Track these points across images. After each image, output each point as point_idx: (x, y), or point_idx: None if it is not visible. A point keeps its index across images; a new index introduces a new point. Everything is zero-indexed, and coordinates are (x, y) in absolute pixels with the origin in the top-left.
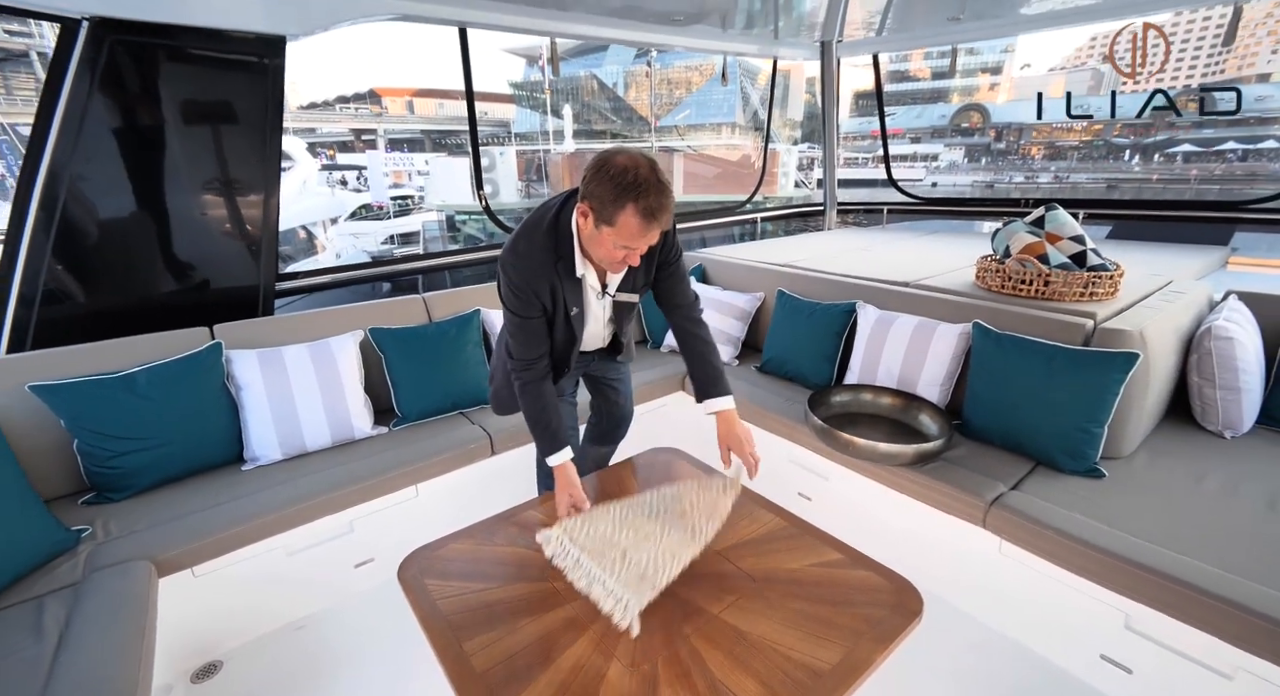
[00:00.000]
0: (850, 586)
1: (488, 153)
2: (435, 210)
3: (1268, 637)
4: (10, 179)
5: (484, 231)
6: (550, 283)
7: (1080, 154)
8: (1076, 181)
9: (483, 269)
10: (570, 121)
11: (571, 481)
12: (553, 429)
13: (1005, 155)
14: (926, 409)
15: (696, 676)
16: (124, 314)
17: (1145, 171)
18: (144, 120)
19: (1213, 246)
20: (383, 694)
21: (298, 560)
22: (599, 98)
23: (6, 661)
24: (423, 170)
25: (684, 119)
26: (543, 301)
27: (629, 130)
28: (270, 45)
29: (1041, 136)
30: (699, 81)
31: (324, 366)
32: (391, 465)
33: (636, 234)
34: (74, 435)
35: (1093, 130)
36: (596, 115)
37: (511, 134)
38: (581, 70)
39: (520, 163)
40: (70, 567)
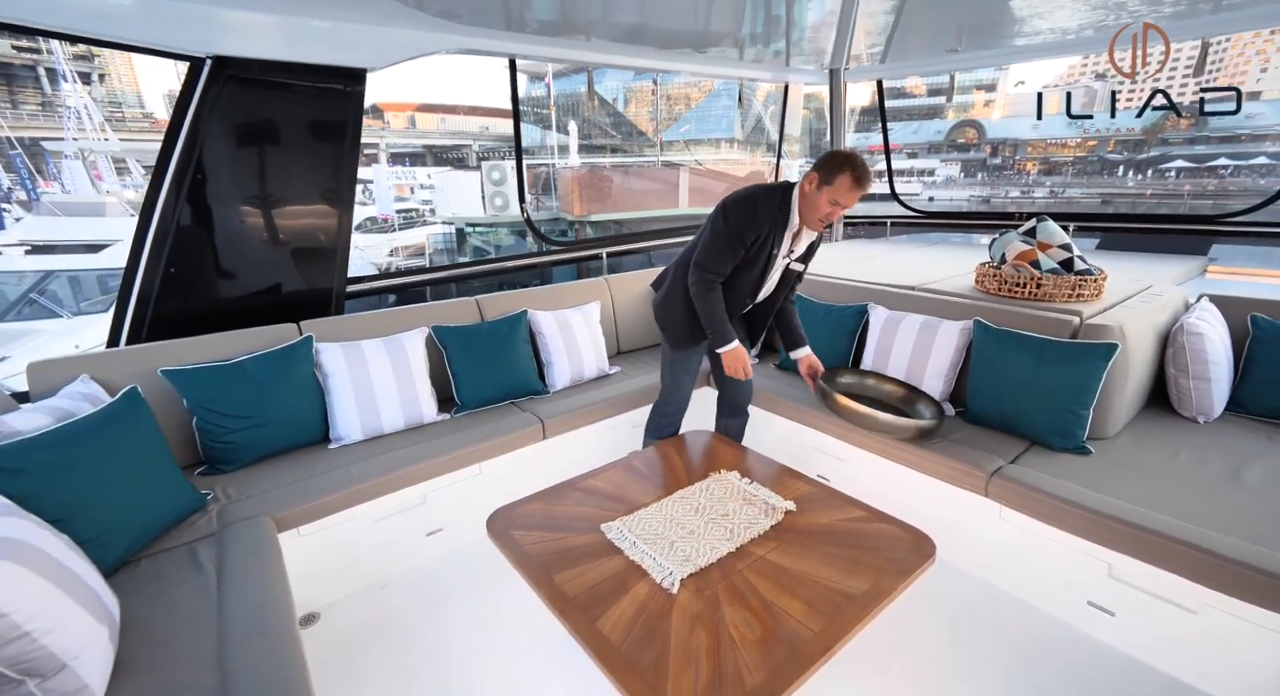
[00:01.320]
0: (873, 535)
1: (498, 167)
2: (445, 222)
3: (1226, 575)
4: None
5: (489, 243)
6: (769, 228)
7: (1075, 169)
8: (1071, 196)
9: (523, 274)
10: (575, 137)
11: (742, 356)
12: (726, 324)
13: (1001, 170)
14: (924, 399)
15: (751, 598)
16: (221, 311)
17: (1139, 186)
18: (247, 143)
19: (1192, 256)
20: (458, 646)
21: (381, 527)
22: (599, 113)
23: (182, 587)
24: (425, 184)
25: (684, 134)
26: (756, 235)
27: (629, 145)
28: (353, 76)
29: (1036, 152)
30: (698, 97)
31: (397, 358)
32: (457, 445)
33: (846, 191)
34: (193, 413)
35: (1087, 146)
36: (597, 130)
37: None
38: (582, 86)
39: (530, 176)
40: (206, 522)
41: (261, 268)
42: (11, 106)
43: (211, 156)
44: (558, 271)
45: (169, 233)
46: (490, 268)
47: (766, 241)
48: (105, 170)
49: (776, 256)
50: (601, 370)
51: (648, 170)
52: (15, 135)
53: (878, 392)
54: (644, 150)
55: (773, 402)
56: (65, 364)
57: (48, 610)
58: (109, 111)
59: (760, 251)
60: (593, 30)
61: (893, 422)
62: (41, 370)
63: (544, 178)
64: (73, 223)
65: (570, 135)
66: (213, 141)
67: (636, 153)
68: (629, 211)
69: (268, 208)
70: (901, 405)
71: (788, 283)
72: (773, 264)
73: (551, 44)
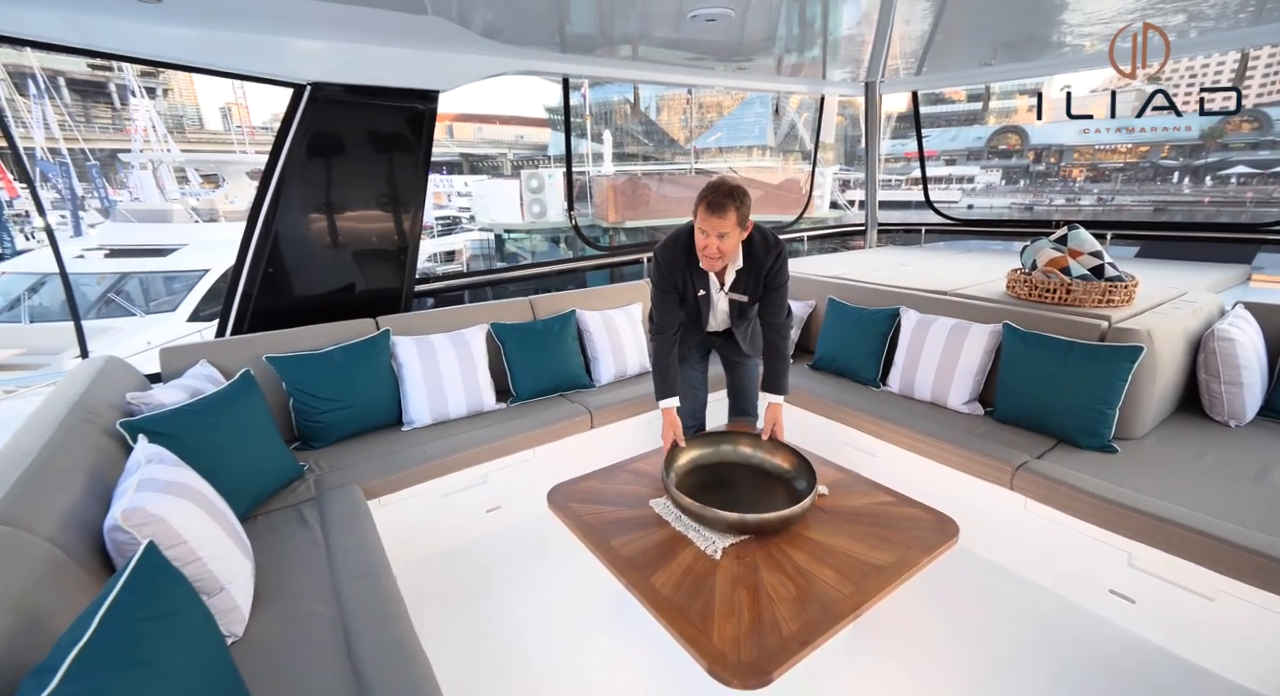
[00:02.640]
0: (900, 517)
1: (536, 175)
2: (483, 229)
3: (1243, 563)
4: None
5: (524, 249)
6: (684, 271)
7: (1125, 176)
8: (1121, 203)
9: (556, 279)
10: (610, 146)
11: (673, 423)
12: (669, 379)
13: (1045, 177)
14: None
15: (787, 565)
16: (308, 306)
17: (1196, 194)
18: (335, 157)
19: (1235, 265)
20: (519, 607)
21: (447, 502)
22: (632, 121)
23: (295, 539)
24: (463, 192)
25: (715, 141)
26: (677, 282)
27: (661, 153)
28: (426, 96)
29: (1084, 158)
30: (730, 104)
31: (461, 351)
32: (514, 431)
33: (702, 218)
34: (290, 395)
35: (1138, 152)
36: (629, 138)
37: (549, 157)
38: (615, 95)
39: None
40: (305, 489)
41: (342, 268)
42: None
43: (306, 170)
44: (592, 276)
45: (269, 238)
46: (534, 271)
47: (689, 281)
48: (167, 179)
49: (710, 294)
50: (643, 367)
51: (681, 178)
52: (89, 147)
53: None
54: (675, 158)
55: (805, 400)
56: (188, 350)
57: (212, 541)
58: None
59: (688, 290)
60: (638, 45)
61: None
62: (171, 355)
63: (578, 186)
64: (144, 228)
65: (605, 144)
66: (308, 157)
67: (668, 160)
68: (662, 218)
69: (350, 215)
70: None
71: (744, 315)
72: (708, 302)
73: (601, 64)
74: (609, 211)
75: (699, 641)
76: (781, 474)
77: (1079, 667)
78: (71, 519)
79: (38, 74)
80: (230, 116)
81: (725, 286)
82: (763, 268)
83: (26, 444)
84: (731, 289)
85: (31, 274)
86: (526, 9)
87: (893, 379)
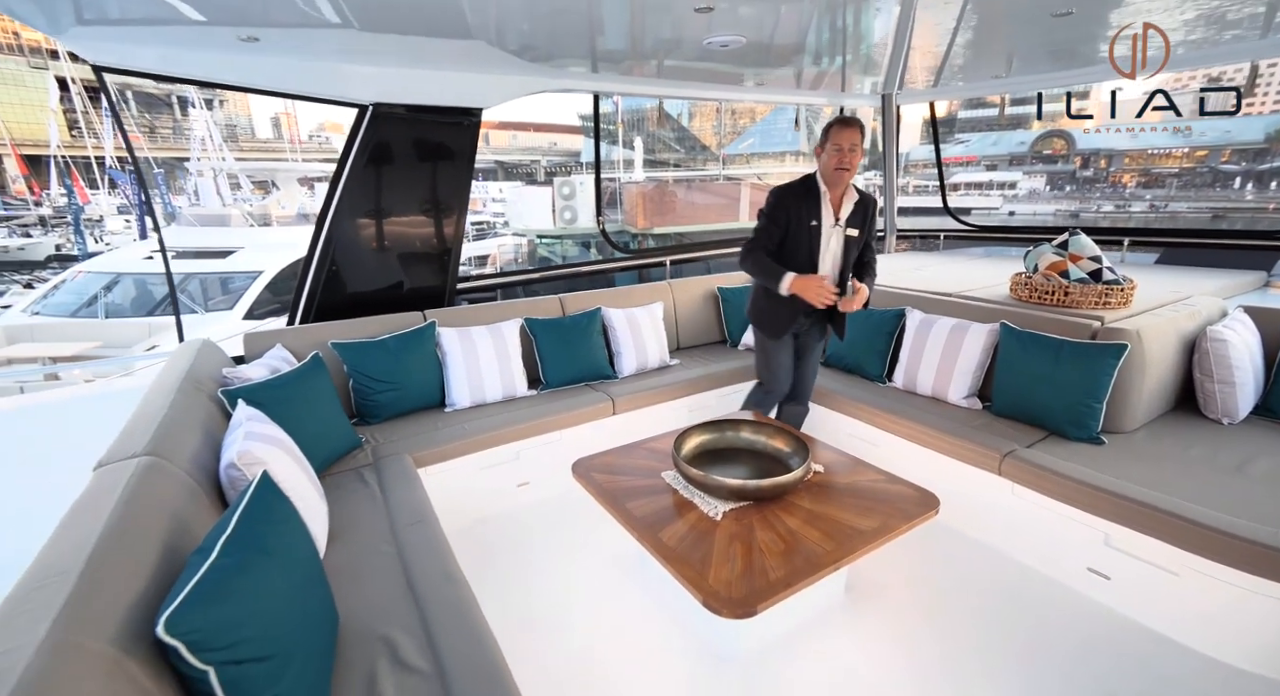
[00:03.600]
0: (887, 492)
1: (568, 182)
2: (516, 234)
3: (1205, 541)
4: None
5: (555, 254)
6: (797, 202)
7: (1181, 181)
8: (1175, 210)
9: (586, 280)
10: (641, 153)
11: (812, 281)
12: (777, 269)
13: (1093, 183)
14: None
15: (779, 527)
16: (363, 300)
17: (1260, 200)
18: (389, 167)
19: (1251, 271)
20: (546, 567)
21: (483, 474)
22: (663, 127)
23: (357, 494)
24: (497, 198)
25: (747, 147)
26: (788, 214)
27: (692, 159)
28: (470, 113)
29: (1135, 163)
30: (763, 111)
31: (498, 342)
32: (543, 415)
33: (837, 134)
34: (351, 377)
35: (1195, 156)
36: (661, 144)
37: (581, 164)
38: (648, 102)
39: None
40: (364, 456)
41: (393, 267)
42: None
43: (365, 180)
44: (620, 279)
45: (333, 240)
46: (563, 272)
47: (802, 214)
48: (223, 186)
49: (821, 226)
50: (663, 361)
51: (710, 185)
52: (152, 155)
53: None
54: (706, 164)
55: (819, 395)
56: (266, 336)
57: (299, 483)
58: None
59: (800, 225)
60: (664, 62)
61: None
62: (252, 339)
63: (609, 192)
64: (206, 232)
65: (635, 150)
66: (368, 168)
67: (699, 166)
68: (690, 225)
69: (401, 220)
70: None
71: (850, 253)
72: (820, 234)
73: (629, 81)
74: (637, 217)
75: (697, 582)
76: (779, 455)
77: (1056, 637)
78: (195, 458)
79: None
80: (280, 126)
81: (841, 219)
82: (868, 207)
83: (158, 402)
84: (848, 223)
85: (106, 273)
86: (559, 32)
87: (898, 375)
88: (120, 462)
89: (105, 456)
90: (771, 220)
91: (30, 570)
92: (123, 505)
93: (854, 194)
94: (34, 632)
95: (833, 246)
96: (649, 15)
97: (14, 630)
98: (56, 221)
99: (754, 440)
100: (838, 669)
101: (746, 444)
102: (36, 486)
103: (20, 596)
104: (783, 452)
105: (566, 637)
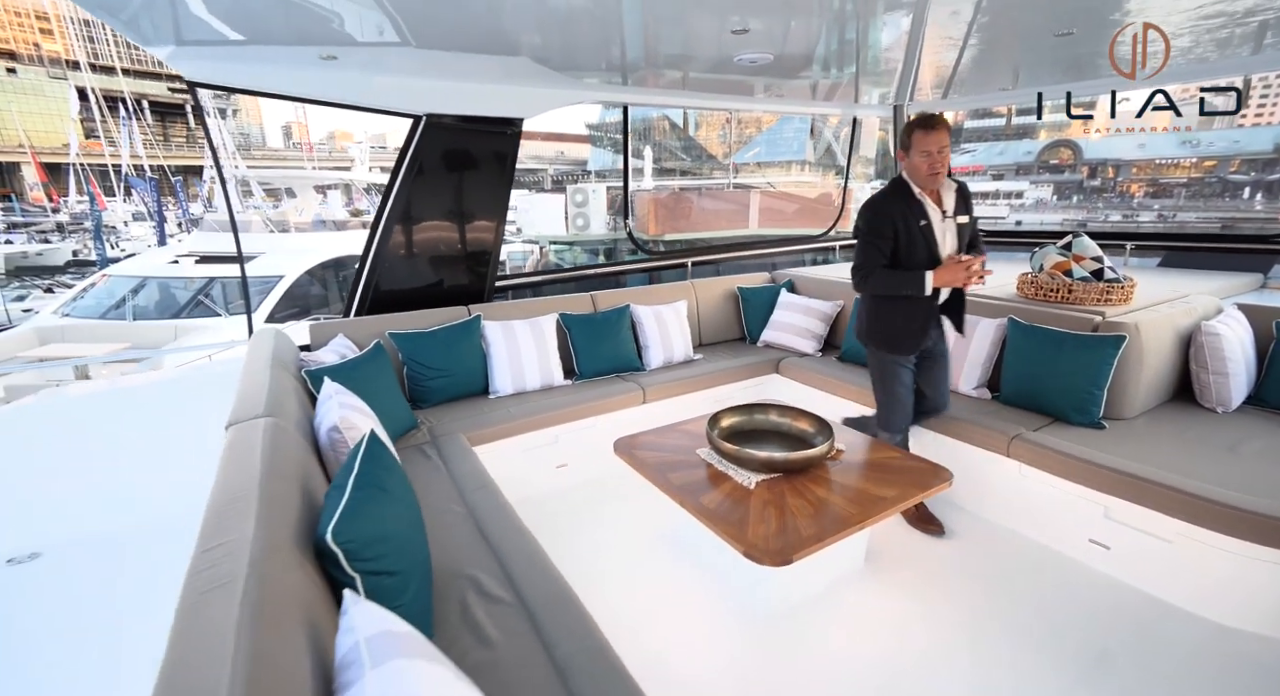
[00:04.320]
0: (905, 466)
1: (581, 189)
2: (527, 241)
3: (1196, 510)
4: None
5: (565, 261)
6: (899, 209)
7: (1190, 191)
8: (1184, 220)
9: (619, 278)
10: (650, 161)
11: (953, 267)
12: (906, 276)
13: (1100, 193)
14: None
15: (807, 494)
16: (412, 296)
17: (1270, 210)
18: (438, 174)
19: (1248, 274)
20: (588, 535)
21: (525, 456)
22: (670, 137)
23: (422, 466)
24: (510, 205)
25: (754, 156)
26: (892, 225)
27: (699, 168)
28: (512, 123)
29: (1143, 173)
30: (769, 120)
31: (537, 335)
32: (579, 401)
33: (922, 139)
34: (405, 364)
35: (1204, 166)
36: (668, 154)
37: (588, 172)
38: (655, 112)
39: (608, 198)
40: (422, 435)
41: (439, 264)
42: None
43: (417, 185)
44: (632, 279)
45: (388, 239)
46: (593, 272)
47: (908, 218)
48: (233, 194)
49: (932, 223)
50: (688, 355)
51: (720, 192)
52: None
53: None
54: (713, 173)
55: (835, 386)
56: (328, 326)
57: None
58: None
59: (909, 229)
60: (690, 72)
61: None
62: (317, 329)
63: (616, 201)
64: (228, 237)
65: (645, 159)
66: (419, 174)
67: (706, 175)
68: (700, 231)
69: (447, 221)
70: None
71: (964, 239)
72: (933, 231)
73: (655, 95)
74: (650, 224)
75: (738, 537)
76: (804, 435)
77: (1060, 602)
78: (298, 422)
79: (127, 97)
80: (291, 134)
81: (948, 211)
82: (966, 193)
83: (258, 377)
84: (955, 212)
85: (133, 277)
86: (598, 50)
87: None
88: (248, 421)
89: (233, 417)
90: (877, 235)
91: (216, 492)
92: (269, 449)
93: (951, 184)
94: (244, 531)
95: (949, 240)
96: (690, 39)
97: (228, 528)
98: (74, 227)
99: (780, 422)
100: (858, 627)
101: (774, 426)
102: (176, 440)
103: (220, 507)
104: (808, 433)
105: (613, 599)
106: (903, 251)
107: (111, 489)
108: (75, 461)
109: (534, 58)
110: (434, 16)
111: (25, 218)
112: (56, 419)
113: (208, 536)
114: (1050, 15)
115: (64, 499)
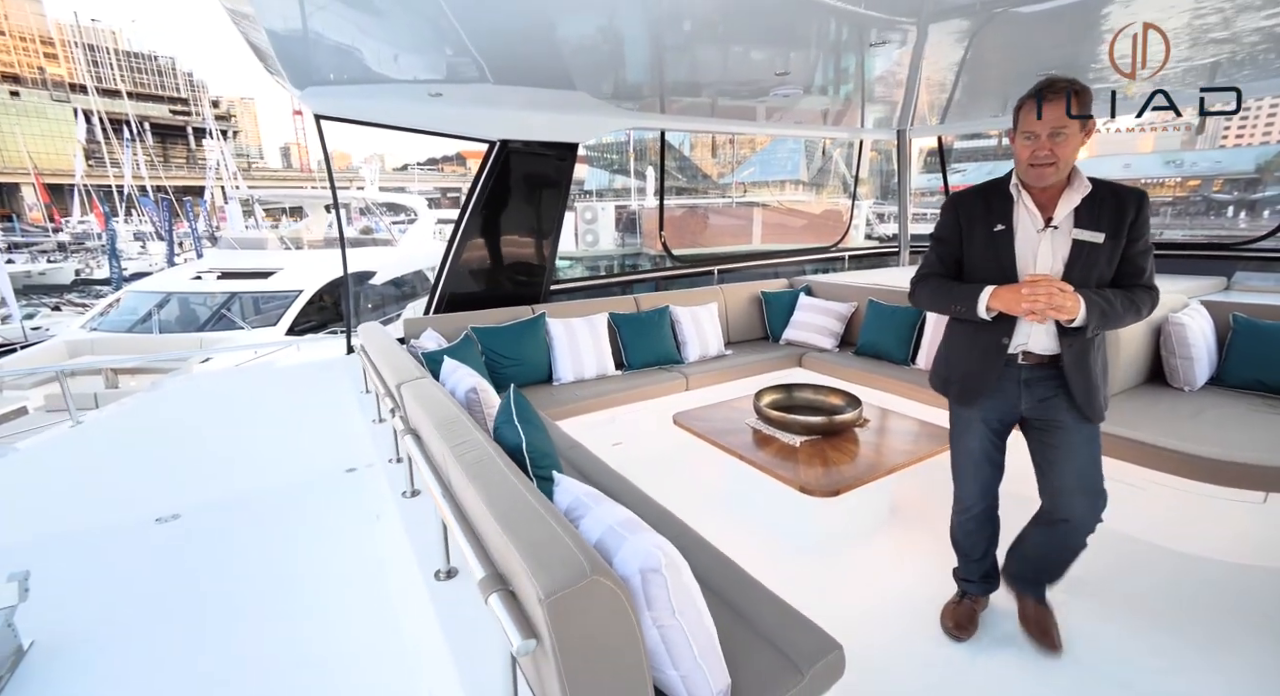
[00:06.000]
0: (920, 432)
1: (591, 208)
2: None
3: (1162, 459)
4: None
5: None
6: (978, 209)
7: (1175, 210)
8: (1170, 238)
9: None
10: (652, 180)
11: (1012, 289)
12: (960, 289)
13: None
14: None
15: (844, 449)
16: (480, 296)
17: (1253, 228)
18: (507, 192)
19: (1215, 277)
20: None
21: (585, 433)
22: (667, 158)
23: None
24: None
25: (748, 176)
26: (961, 220)
27: (694, 188)
28: (570, 147)
29: None
30: (763, 141)
31: (593, 330)
32: (631, 387)
33: (1027, 115)
34: (484, 354)
35: (1188, 186)
36: (666, 174)
37: (586, 191)
38: (649, 134)
39: (616, 215)
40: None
41: (505, 269)
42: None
43: (489, 201)
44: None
45: (464, 247)
46: (634, 278)
47: (990, 218)
48: (233, 213)
49: (1015, 230)
50: (720, 351)
51: (725, 210)
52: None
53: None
54: (708, 192)
55: (853, 375)
56: (419, 321)
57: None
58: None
59: (978, 232)
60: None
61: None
62: (410, 324)
63: (625, 217)
64: (246, 254)
65: (648, 180)
66: (492, 193)
67: (701, 193)
68: (706, 247)
69: (512, 233)
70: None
71: (1086, 266)
72: (1014, 241)
73: (684, 121)
74: (657, 241)
75: (791, 479)
76: (835, 409)
77: None
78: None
79: (131, 120)
80: (290, 155)
81: (1057, 220)
82: (1124, 203)
83: (397, 356)
84: (1079, 225)
85: (157, 293)
86: (647, 85)
87: (920, 358)
88: (414, 381)
89: (399, 378)
90: (937, 237)
91: (435, 415)
92: (448, 396)
93: (1084, 186)
94: (474, 436)
95: (1043, 255)
96: (735, 82)
97: (461, 433)
98: (75, 247)
99: (814, 399)
100: (883, 563)
101: (808, 401)
102: (295, 419)
103: (444, 423)
104: (839, 406)
105: None
106: (968, 262)
107: (247, 457)
108: (205, 435)
109: (589, 91)
110: (509, 58)
111: (25, 237)
112: (180, 400)
113: (451, 437)
114: (1035, 63)
115: (201, 467)
